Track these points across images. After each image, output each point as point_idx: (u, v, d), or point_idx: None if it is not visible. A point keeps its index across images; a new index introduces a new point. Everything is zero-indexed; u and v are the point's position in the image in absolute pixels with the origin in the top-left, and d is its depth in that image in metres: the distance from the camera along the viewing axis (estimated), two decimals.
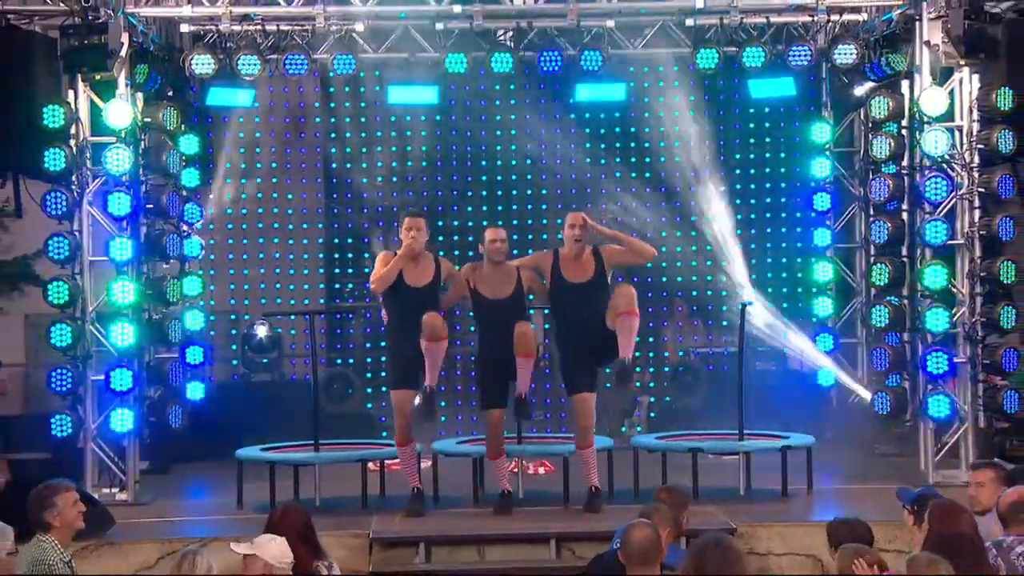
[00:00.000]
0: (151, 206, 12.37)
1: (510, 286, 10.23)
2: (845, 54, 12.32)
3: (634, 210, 15.97)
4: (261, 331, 15.28)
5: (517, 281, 10.25)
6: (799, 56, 12.42)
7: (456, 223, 15.60)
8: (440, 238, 14.58)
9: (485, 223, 15.48)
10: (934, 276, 11.67)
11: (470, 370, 11.44)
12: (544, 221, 15.61)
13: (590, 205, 14.94)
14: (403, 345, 10.22)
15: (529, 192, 16.27)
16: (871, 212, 13.80)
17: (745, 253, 15.88)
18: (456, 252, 14.22)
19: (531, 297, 10.67)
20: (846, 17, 12.61)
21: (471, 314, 10.67)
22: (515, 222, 15.50)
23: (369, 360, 15.89)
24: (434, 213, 14.90)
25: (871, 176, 13.23)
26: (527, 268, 10.39)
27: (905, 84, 12.36)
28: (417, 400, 10.20)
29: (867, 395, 13.81)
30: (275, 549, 6.61)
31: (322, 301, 16.03)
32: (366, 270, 15.96)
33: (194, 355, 13.39)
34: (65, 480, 7.17)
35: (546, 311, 11.24)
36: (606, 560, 6.85)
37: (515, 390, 10.16)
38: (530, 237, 15.32)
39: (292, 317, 15.29)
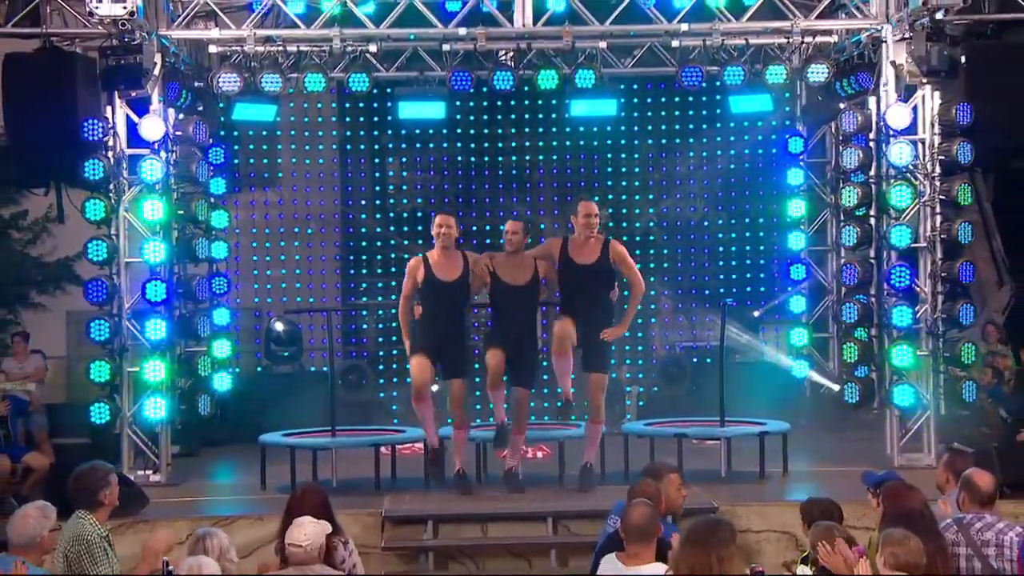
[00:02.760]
0: (182, 212, 12.38)
1: (528, 274, 10.24)
2: (818, 72, 12.32)
3: (624, 215, 16.02)
4: (278, 326, 15.29)
5: (534, 270, 10.28)
6: (775, 74, 12.43)
7: (461, 227, 15.56)
8: None
9: (488, 227, 15.65)
10: (899, 276, 11.68)
11: (474, 362, 11.40)
12: (542, 226, 15.61)
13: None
14: (429, 332, 10.15)
15: (528, 199, 16.28)
16: (841, 218, 13.83)
17: (727, 256, 15.95)
18: None
19: (543, 281, 10.64)
20: (819, 39, 12.62)
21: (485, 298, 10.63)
22: None
23: (382, 353, 15.90)
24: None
25: (841, 184, 13.26)
26: (542, 258, 10.39)
27: (872, 100, 12.40)
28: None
29: (835, 387, 13.84)
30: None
31: (338, 299, 16.06)
32: (379, 271, 16.09)
33: (221, 348, 13.39)
34: (106, 463, 7.20)
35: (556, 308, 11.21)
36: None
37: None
38: (529, 240, 15.27)
39: (311, 314, 15.30)
